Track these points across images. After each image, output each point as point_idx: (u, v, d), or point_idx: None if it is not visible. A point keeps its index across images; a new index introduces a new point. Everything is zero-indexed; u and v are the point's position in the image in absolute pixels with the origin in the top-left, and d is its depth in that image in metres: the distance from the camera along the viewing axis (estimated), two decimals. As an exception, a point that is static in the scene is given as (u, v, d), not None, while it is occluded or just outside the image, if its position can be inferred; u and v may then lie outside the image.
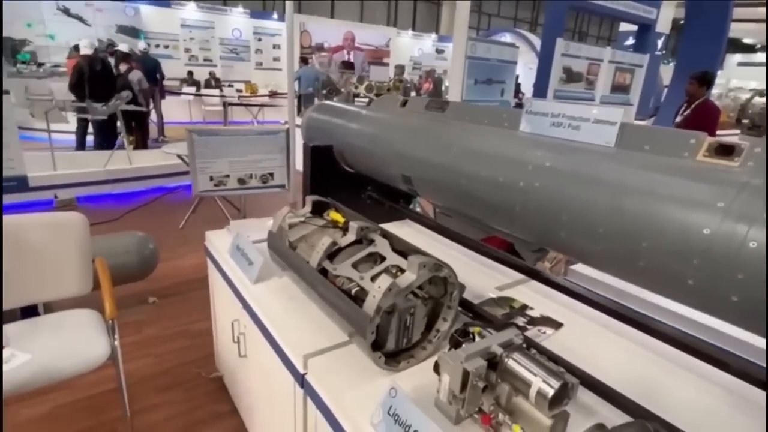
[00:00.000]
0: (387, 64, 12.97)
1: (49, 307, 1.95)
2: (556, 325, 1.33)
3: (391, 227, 1.34)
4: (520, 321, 1.34)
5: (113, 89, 5.37)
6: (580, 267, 1.80)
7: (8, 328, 1.62)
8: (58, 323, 1.70)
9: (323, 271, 1.20)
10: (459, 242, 1.81)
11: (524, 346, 0.95)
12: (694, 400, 1.05)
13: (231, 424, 1.82)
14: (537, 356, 0.91)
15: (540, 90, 4.93)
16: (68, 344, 1.57)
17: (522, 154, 1.19)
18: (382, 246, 1.21)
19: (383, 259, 1.16)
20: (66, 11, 8.79)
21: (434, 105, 1.64)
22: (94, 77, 5.40)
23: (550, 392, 0.82)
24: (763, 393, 0.94)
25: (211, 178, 1.96)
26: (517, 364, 0.89)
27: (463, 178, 1.32)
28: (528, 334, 1.25)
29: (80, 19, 8.95)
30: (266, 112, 9.29)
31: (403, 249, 1.18)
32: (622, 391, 0.99)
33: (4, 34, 8.24)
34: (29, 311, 1.92)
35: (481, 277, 1.61)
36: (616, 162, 1.02)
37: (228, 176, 1.99)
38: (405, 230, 2.00)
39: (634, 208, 0.92)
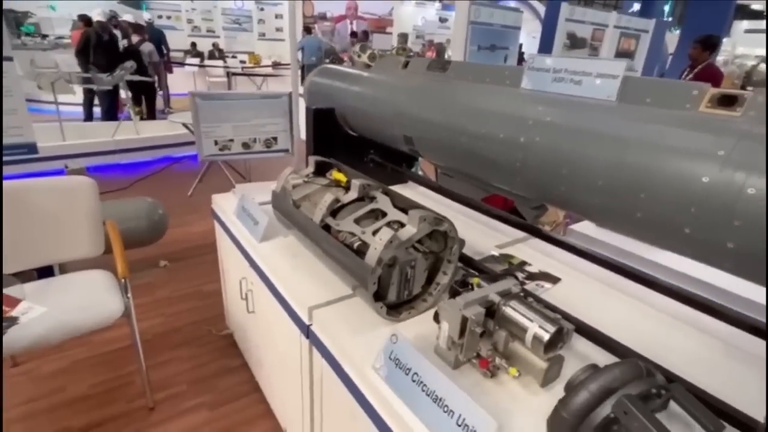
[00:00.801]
0: (390, 33, 12.62)
1: (64, 269, 1.98)
2: (554, 279, 1.34)
3: (393, 189, 1.33)
4: (519, 276, 1.34)
5: (116, 60, 5.27)
6: (578, 227, 1.79)
7: (25, 287, 1.65)
8: (74, 283, 1.72)
9: (326, 228, 1.20)
10: (460, 202, 1.81)
11: (522, 295, 0.96)
12: (686, 346, 1.07)
13: (241, 376, 1.87)
14: (534, 304, 0.92)
15: (543, 57, 4.75)
16: (83, 301, 1.59)
17: (523, 110, 1.16)
18: (383, 202, 1.20)
19: (384, 214, 1.16)
20: (66, -20, 8.53)
21: (436, 65, 1.59)
22: (99, 46, 5.33)
23: (546, 336, 0.83)
24: (751, 341, 0.95)
25: (216, 143, 1.95)
26: (514, 311, 0.90)
27: (464, 137, 1.29)
28: (526, 288, 1.26)
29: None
30: (270, 82, 9.13)
31: (404, 205, 1.18)
32: (618, 339, 1.00)
33: (6, 7, 8.05)
34: (45, 273, 1.95)
35: (481, 235, 1.61)
36: (618, 115, 0.99)
37: (232, 141, 1.97)
38: (407, 192, 1.98)
39: (634, 161, 0.90)
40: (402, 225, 1.08)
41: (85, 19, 5.76)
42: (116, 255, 1.68)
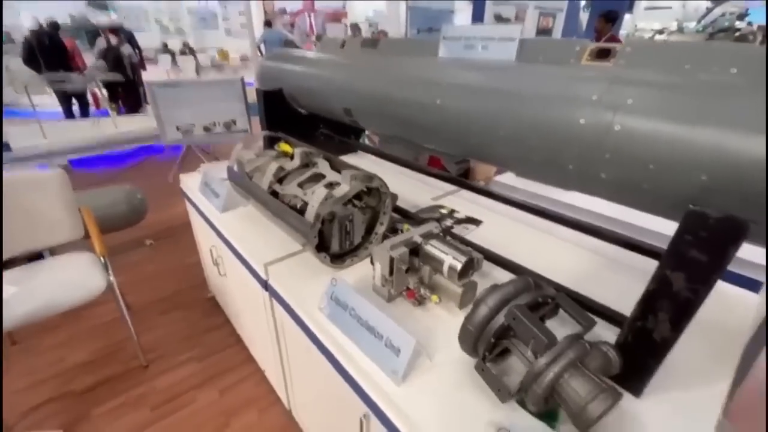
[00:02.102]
0: (345, 24, 12.05)
1: (54, 255, 1.85)
2: (477, 222, 1.35)
3: (343, 159, 1.29)
4: (448, 222, 1.35)
5: (65, 60, 4.84)
6: (501, 178, 1.81)
7: (12, 271, 1.53)
8: (58, 265, 1.61)
9: (274, 194, 1.16)
10: (401, 164, 1.78)
11: (441, 235, 0.95)
12: (576, 264, 1.11)
13: (224, 331, 1.84)
14: (450, 241, 0.92)
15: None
16: (67, 280, 1.50)
17: (438, 75, 1.12)
18: (323, 167, 1.16)
19: (324, 177, 1.12)
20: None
21: (368, 43, 1.52)
22: (43, 51, 4.83)
23: (458, 265, 0.84)
24: (626, 255, 1.00)
25: (178, 128, 1.82)
26: (433, 248, 0.90)
27: (392, 104, 1.25)
28: (454, 231, 1.27)
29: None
30: (239, 74, 8.62)
31: (342, 168, 1.14)
32: (523, 264, 1.03)
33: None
34: (35, 259, 1.82)
35: (418, 191, 1.60)
36: (514, 73, 0.97)
37: (193, 125, 1.84)
38: (356, 160, 1.93)
39: (527, 111, 0.89)
40: (338, 184, 1.05)
41: (51, 26, 5.19)
42: (92, 236, 1.58)
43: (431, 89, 1.11)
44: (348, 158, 1.94)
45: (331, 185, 1.07)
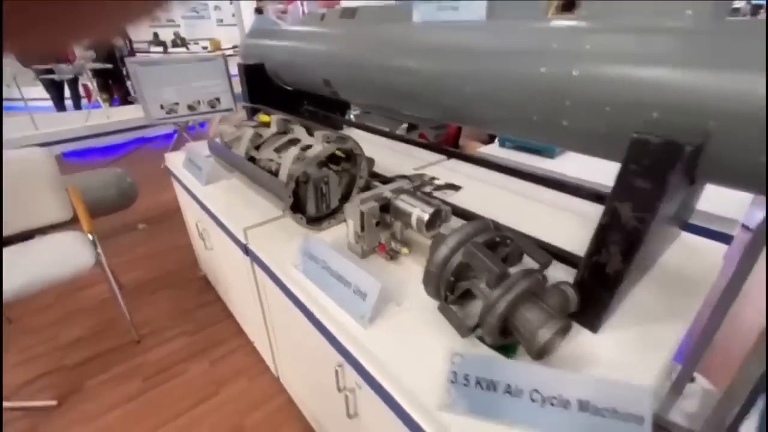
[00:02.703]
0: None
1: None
2: (456, 188, 1.37)
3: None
4: (428, 188, 1.37)
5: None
6: (485, 149, 1.82)
7: (6, 250, 1.56)
8: (47, 243, 1.64)
9: (252, 160, 1.17)
10: (387, 137, 1.80)
11: (411, 190, 0.97)
12: (540, 216, 1.13)
13: (215, 307, 1.87)
14: (420, 195, 0.94)
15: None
16: (56, 257, 1.53)
17: (411, 39, 1.13)
18: (299, 132, 1.18)
19: (300, 142, 1.13)
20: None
21: (347, 13, 1.52)
22: None
23: (426, 216, 0.86)
24: (586, 206, 1.01)
25: (162, 107, 1.82)
26: (402, 202, 0.92)
27: (369, 72, 1.26)
28: (435, 195, 1.29)
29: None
30: (232, 63, 8.55)
31: (317, 132, 1.15)
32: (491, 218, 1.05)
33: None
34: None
35: (402, 162, 1.61)
36: (483, 31, 0.98)
37: (177, 104, 1.85)
38: (341, 137, 1.96)
39: (496, 67, 0.90)
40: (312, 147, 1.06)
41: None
42: (79, 214, 1.60)
43: (405, 54, 1.13)
44: (333, 135, 1.97)
45: (305, 148, 1.08)
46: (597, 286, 0.69)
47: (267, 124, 1.31)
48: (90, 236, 1.58)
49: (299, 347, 1.13)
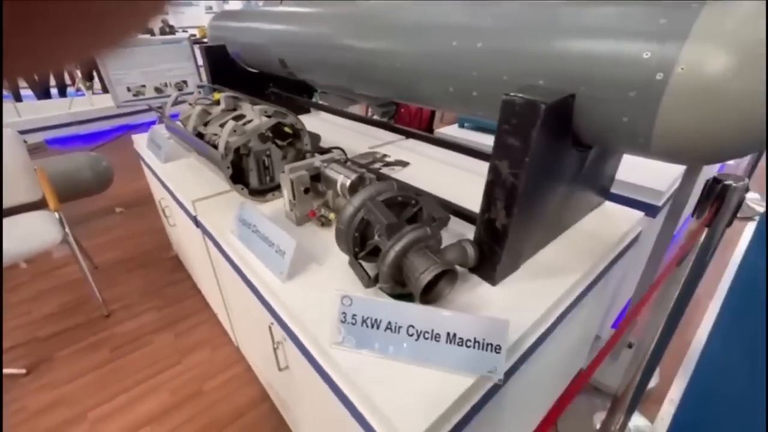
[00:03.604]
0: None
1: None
2: (405, 164, 1.42)
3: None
4: (378, 164, 1.42)
5: None
6: (443, 129, 1.87)
7: (-32, 229, 1.61)
8: (15, 222, 1.69)
9: (200, 135, 1.22)
10: (350, 118, 1.84)
11: (342, 160, 1.03)
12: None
13: (186, 285, 1.93)
14: (349, 165, 0.99)
15: None
16: (22, 234, 1.58)
17: (357, 18, 1.17)
18: (246, 110, 1.22)
19: (245, 117, 1.18)
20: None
21: (304, -6, 1.55)
22: None
23: (348, 182, 0.91)
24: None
25: (129, 89, 1.86)
26: (331, 171, 0.97)
27: (321, 51, 1.30)
28: (381, 171, 1.34)
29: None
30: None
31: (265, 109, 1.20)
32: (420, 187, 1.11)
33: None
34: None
35: (359, 142, 1.66)
36: (413, 9, 1.02)
37: (144, 86, 1.88)
38: (310, 119, 2.00)
39: (419, 42, 0.95)
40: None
41: None
42: (45, 192, 1.65)
43: (350, 32, 1.17)
44: (302, 118, 2.01)
45: (247, 123, 1.13)
46: (490, 240, 0.75)
47: (216, 101, 1.36)
48: (57, 215, 1.63)
49: (246, 313, 1.20)
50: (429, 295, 0.71)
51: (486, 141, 1.85)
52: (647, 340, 1.04)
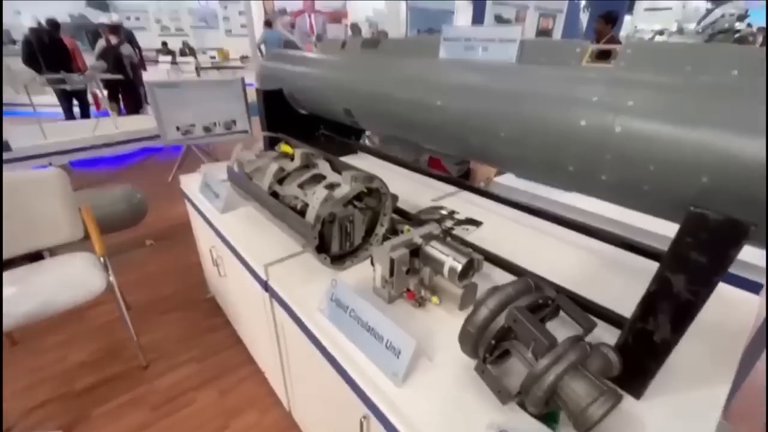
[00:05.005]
0: (346, 24, 12.06)
1: (54, 255, 1.85)
2: (477, 223, 1.35)
3: (344, 160, 1.29)
4: (448, 223, 1.35)
5: (66, 60, 4.81)
6: (501, 179, 1.81)
7: (13, 272, 1.53)
8: (58, 265, 1.61)
9: (275, 195, 1.15)
10: (402, 165, 1.78)
11: (441, 236, 0.95)
12: (573, 264, 1.11)
13: (224, 332, 1.83)
14: (450, 242, 0.92)
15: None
16: (67, 280, 1.50)
17: (439, 76, 1.12)
18: (323, 168, 1.16)
19: (325, 178, 1.12)
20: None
21: (368, 43, 1.52)
22: (44, 50, 4.78)
23: (459, 267, 0.84)
24: (622, 255, 0.99)
25: (178, 128, 1.82)
26: (433, 249, 0.90)
27: (392, 104, 1.25)
28: (454, 232, 1.27)
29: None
30: (239, 74, 8.60)
31: (342, 169, 1.14)
32: (523, 266, 1.03)
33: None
34: (36, 259, 1.82)
35: (419, 192, 1.60)
36: (515, 74, 0.97)
37: (194, 125, 1.84)
38: (356, 161, 1.94)
39: (528, 112, 0.89)
40: (338, 185, 1.05)
41: (51, 24, 5.15)
42: (92, 236, 1.58)
43: (432, 90, 1.11)
44: (348, 159, 1.95)
45: (331, 186, 1.06)
46: (643, 353, 0.67)
47: (288, 155, 1.30)
48: (102, 259, 1.56)
49: (318, 389, 1.10)
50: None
51: (545, 191, 1.78)
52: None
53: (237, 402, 1.52)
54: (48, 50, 4.82)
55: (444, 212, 1.43)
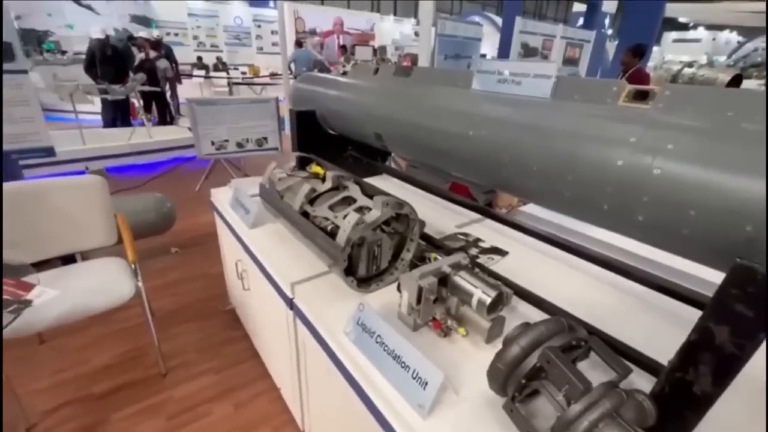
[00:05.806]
0: (372, 46, 12.43)
1: (85, 258, 1.92)
2: (503, 253, 1.34)
3: (369, 181, 1.32)
4: (474, 251, 1.34)
5: (123, 72, 5.06)
6: (526, 208, 1.80)
7: (43, 274, 1.60)
8: (90, 269, 1.67)
9: (305, 214, 1.18)
10: (426, 189, 1.79)
11: (470, 266, 0.95)
12: (606, 303, 1.08)
13: (242, 345, 1.85)
14: (479, 273, 0.91)
15: (502, 64, 4.72)
16: (98, 285, 1.55)
17: (472, 107, 1.14)
18: (354, 191, 1.18)
19: (354, 201, 1.14)
20: (77, 0, 8.13)
21: (401, 71, 1.56)
22: (104, 60, 5.05)
23: (488, 300, 0.83)
24: (658, 298, 0.96)
25: (213, 143, 1.89)
26: (462, 279, 0.89)
27: (423, 132, 1.27)
28: (479, 261, 1.26)
29: (89, 8, 8.31)
30: (268, 90, 8.92)
31: (372, 192, 1.16)
32: (552, 301, 1.01)
33: (28, 26, 7.70)
34: (68, 262, 1.89)
35: (443, 217, 1.60)
36: (550, 110, 0.98)
37: (227, 141, 1.91)
38: (381, 183, 1.96)
39: (562, 148, 0.89)
40: (369, 209, 1.07)
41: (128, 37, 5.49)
42: (126, 243, 1.63)
43: (464, 121, 1.13)
44: (373, 180, 1.98)
45: (361, 210, 1.08)
46: (681, 404, 0.64)
47: (319, 176, 1.33)
48: (133, 266, 1.61)
49: (337, 412, 1.09)
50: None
51: (571, 222, 1.75)
52: None
53: (251, 417, 1.51)
54: (107, 61, 5.06)
55: (469, 239, 1.42)
